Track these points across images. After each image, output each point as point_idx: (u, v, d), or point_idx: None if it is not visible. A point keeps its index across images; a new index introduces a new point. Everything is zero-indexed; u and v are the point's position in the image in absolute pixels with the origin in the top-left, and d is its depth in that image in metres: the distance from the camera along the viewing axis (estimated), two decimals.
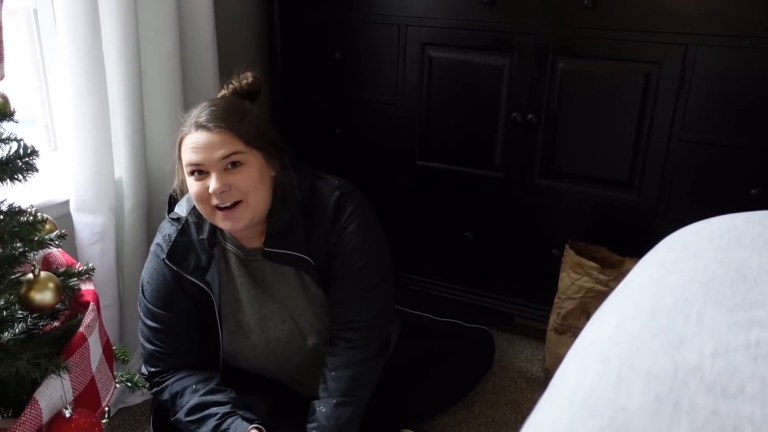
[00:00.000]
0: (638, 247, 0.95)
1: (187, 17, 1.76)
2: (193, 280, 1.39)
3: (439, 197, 1.97)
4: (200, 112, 1.32)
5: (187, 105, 1.79)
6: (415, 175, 1.98)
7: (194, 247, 1.41)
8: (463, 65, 1.83)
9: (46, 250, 1.24)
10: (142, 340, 1.46)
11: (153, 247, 1.45)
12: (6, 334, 1.10)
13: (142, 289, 1.44)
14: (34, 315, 1.15)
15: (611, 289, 0.66)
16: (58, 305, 1.13)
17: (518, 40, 1.74)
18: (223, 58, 1.89)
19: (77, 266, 1.23)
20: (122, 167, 1.68)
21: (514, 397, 1.83)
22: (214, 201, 1.29)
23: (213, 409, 1.35)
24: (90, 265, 1.25)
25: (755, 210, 0.76)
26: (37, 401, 0.98)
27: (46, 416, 0.99)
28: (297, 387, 1.55)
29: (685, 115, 1.61)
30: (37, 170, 1.09)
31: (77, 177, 1.58)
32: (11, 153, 1.06)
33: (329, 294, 1.44)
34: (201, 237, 1.40)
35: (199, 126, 1.30)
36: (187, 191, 1.37)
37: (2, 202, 1.09)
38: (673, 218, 1.68)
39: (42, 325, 1.17)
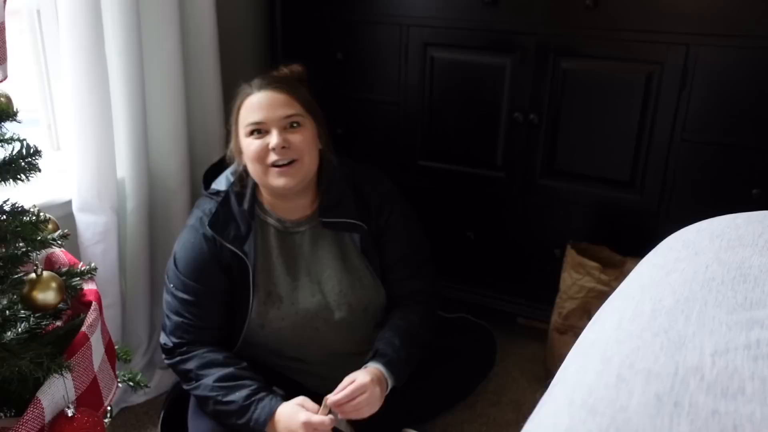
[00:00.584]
0: (640, 247, 0.95)
1: (189, 17, 1.77)
2: (233, 248, 1.44)
3: (440, 197, 1.97)
4: (260, 78, 1.45)
5: (189, 105, 1.80)
6: (416, 175, 1.98)
7: (234, 218, 1.46)
8: (465, 65, 1.83)
9: (49, 250, 1.24)
10: (168, 312, 1.48)
11: (191, 221, 1.49)
12: (9, 333, 1.10)
13: (175, 262, 1.47)
14: (37, 314, 1.15)
15: (613, 289, 0.66)
16: (60, 305, 1.14)
17: (520, 40, 1.74)
18: (225, 58, 1.89)
19: (80, 266, 1.23)
20: (124, 167, 1.69)
21: (515, 397, 1.83)
22: (272, 158, 1.39)
23: (246, 381, 1.39)
24: (92, 264, 1.25)
25: (757, 210, 0.77)
26: (40, 401, 0.98)
27: (48, 415, 0.99)
28: (309, 376, 1.56)
29: (687, 115, 1.61)
30: (39, 170, 1.09)
31: (80, 177, 1.58)
32: (14, 153, 1.06)
33: (390, 274, 1.56)
34: (242, 207, 1.47)
35: (263, 86, 1.42)
36: (238, 157, 1.47)
37: (5, 202, 1.10)
38: (674, 218, 1.68)
39: (44, 324, 1.18)
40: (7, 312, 1.12)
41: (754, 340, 0.46)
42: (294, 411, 1.33)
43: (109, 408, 1.21)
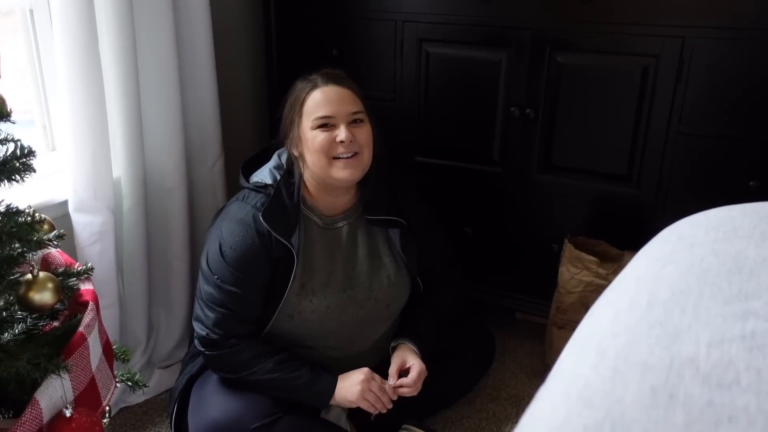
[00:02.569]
0: (637, 241, 0.95)
1: (183, 15, 1.76)
2: (283, 240, 1.46)
3: (437, 193, 1.97)
4: (323, 74, 1.50)
5: (184, 103, 1.79)
6: (413, 171, 1.98)
7: (285, 211, 1.49)
8: (461, 61, 1.82)
9: (45, 251, 1.24)
10: (210, 304, 1.48)
11: (240, 216, 1.49)
12: (6, 334, 1.10)
13: (223, 256, 1.47)
14: (34, 315, 1.15)
15: (610, 282, 0.66)
16: (57, 305, 1.14)
17: (515, 35, 1.73)
18: (219, 55, 1.89)
19: (76, 266, 1.23)
20: (120, 166, 1.68)
21: (514, 392, 1.83)
22: (338, 150, 1.45)
23: (302, 361, 1.49)
24: (89, 264, 1.25)
25: (754, 202, 0.76)
26: (38, 401, 0.98)
27: (46, 416, 0.99)
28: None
29: (683, 108, 1.61)
30: (34, 171, 1.09)
31: (75, 177, 1.58)
32: (8, 154, 1.06)
33: (425, 269, 1.67)
34: (293, 201, 1.51)
35: (329, 81, 1.48)
36: (298, 146, 1.50)
37: (0, 203, 1.09)
38: (672, 211, 1.68)
39: (41, 325, 1.18)
40: (4, 313, 1.12)
41: (749, 331, 0.46)
42: (354, 372, 1.48)
43: (107, 408, 1.21)
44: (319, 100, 1.47)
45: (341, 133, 1.44)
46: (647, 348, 0.47)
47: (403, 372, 1.53)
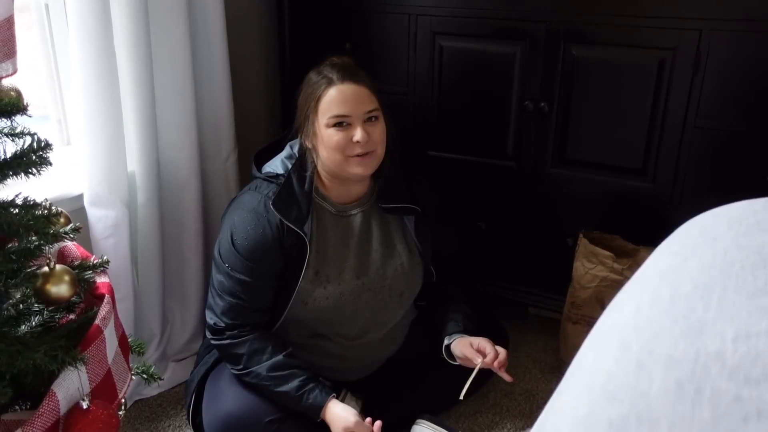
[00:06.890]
0: (653, 236, 0.94)
1: (197, 8, 1.76)
2: (295, 228, 1.47)
3: (451, 187, 1.97)
4: (338, 70, 1.47)
5: (197, 97, 1.80)
6: (426, 165, 1.97)
7: (296, 199, 1.50)
8: (475, 54, 1.81)
9: (61, 244, 1.25)
10: (220, 292, 1.50)
11: (252, 205, 1.51)
12: (23, 327, 1.11)
13: (234, 245, 1.49)
14: (51, 308, 1.16)
15: (626, 278, 0.65)
16: (73, 298, 1.14)
17: (529, 28, 1.72)
18: (233, 49, 1.89)
19: (92, 259, 1.24)
20: (134, 160, 1.69)
21: (528, 387, 1.83)
22: (355, 150, 1.45)
23: (296, 371, 1.45)
24: (104, 257, 1.25)
25: None
26: (55, 393, 0.98)
27: (63, 408, 1.00)
28: (329, 357, 1.60)
29: (700, 102, 1.59)
30: (50, 164, 1.09)
31: (90, 171, 1.59)
32: (25, 147, 1.07)
33: (439, 257, 1.68)
34: (304, 190, 1.51)
35: (345, 78, 1.45)
36: (313, 141, 1.49)
37: (17, 196, 1.10)
38: (688, 206, 1.66)
39: (58, 317, 1.18)
40: (21, 305, 1.13)
41: None
42: (345, 410, 1.41)
43: (123, 400, 1.22)
44: (335, 99, 1.45)
45: (357, 134, 1.44)
46: (671, 342, 0.46)
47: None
